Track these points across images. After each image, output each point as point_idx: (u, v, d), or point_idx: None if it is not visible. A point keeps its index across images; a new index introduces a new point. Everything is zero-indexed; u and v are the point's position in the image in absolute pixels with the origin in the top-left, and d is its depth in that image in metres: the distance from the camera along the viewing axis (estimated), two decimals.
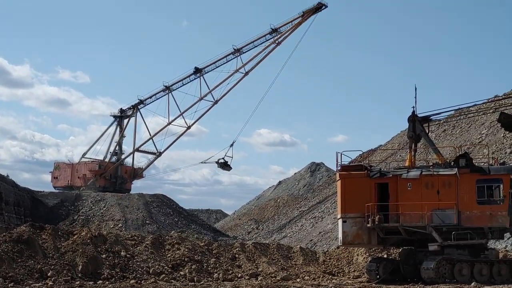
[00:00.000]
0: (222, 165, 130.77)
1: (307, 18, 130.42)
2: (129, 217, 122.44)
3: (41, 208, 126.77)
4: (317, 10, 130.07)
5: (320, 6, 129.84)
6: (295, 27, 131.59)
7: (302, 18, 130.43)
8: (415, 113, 48.79)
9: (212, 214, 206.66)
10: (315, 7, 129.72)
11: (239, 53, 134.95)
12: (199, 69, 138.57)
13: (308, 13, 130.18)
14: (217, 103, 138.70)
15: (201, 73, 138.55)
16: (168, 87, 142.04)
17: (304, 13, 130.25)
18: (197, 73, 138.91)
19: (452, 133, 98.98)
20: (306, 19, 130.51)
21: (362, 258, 52.36)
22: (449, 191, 43.82)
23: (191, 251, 48.58)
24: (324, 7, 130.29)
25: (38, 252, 40.51)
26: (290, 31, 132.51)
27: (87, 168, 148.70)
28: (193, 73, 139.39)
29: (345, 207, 45.85)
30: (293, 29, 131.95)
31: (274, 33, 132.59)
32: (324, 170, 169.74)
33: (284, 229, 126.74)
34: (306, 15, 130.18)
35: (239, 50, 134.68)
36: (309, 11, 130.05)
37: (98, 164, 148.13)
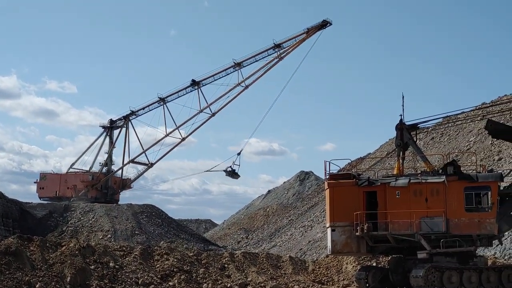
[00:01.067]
0: (230, 173, 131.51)
1: (311, 35, 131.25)
2: (118, 228, 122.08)
3: (29, 220, 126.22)
4: (321, 27, 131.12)
5: (325, 23, 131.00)
6: (298, 43, 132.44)
7: (306, 35, 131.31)
8: (402, 121, 48.82)
9: (201, 223, 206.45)
10: (320, 24, 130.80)
11: (240, 67, 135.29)
12: (196, 81, 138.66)
13: (312, 30, 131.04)
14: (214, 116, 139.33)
15: (198, 86, 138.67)
16: (163, 99, 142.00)
17: (309, 30, 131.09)
18: (194, 86, 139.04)
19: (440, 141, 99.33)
20: (310, 36, 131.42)
21: (352, 267, 52.39)
22: (437, 198, 43.86)
23: (180, 261, 48.48)
24: (328, 25, 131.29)
25: (26, 264, 40.33)
26: (293, 47, 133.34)
27: (78, 178, 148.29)
28: (190, 85, 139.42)
29: (333, 215, 45.83)
30: (297, 45, 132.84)
31: (277, 48, 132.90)
32: (313, 178, 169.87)
33: (274, 238, 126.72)
34: (310, 32, 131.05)
35: (239, 64, 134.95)
36: (314, 28, 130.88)
37: (92, 175, 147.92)
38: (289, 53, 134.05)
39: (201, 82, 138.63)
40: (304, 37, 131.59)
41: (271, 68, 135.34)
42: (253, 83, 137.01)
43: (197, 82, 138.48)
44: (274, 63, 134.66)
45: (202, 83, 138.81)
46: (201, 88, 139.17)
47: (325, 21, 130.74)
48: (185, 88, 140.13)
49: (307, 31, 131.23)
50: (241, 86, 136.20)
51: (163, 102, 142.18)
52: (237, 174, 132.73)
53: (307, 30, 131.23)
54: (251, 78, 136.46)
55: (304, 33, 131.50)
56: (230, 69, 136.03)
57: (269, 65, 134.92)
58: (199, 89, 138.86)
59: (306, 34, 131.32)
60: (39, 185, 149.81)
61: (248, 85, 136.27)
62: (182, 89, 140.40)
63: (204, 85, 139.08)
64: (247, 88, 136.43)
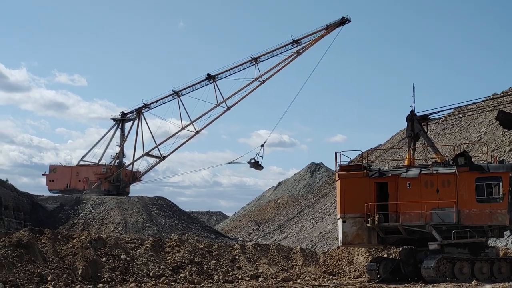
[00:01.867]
0: (254, 164, 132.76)
1: (330, 31, 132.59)
2: (129, 220, 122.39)
3: (40, 212, 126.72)
4: (341, 24, 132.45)
5: (344, 20, 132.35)
6: (317, 39, 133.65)
7: (325, 31, 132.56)
8: (413, 112, 48.74)
9: (212, 216, 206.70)
10: (339, 21, 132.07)
11: (257, 62, 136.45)
12: (212, 75, 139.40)
13: (332, 27, 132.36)
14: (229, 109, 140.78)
15: (214, 80, 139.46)
16: (177, 92, 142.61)
17: (328, 26, 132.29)
18: (210, 80, 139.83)
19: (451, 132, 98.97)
20: (329, 33, 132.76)
21: (363, 258, 52.32)
22: (448, 189, 43.79)
23: (191, 253, 48.50)
24: (348, 22, 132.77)
25: (37, 256, 40.42)
26: (312, 43, 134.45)
27: (91, 171, 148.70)
28: (206, 79, 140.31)
29: (344, 207, 45.81)
30: (315, 41, 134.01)
31: (295, 44, 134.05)
32: (323, 170, 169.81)
33: (285, 230, 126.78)
34: (330, 28, 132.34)
35: (256, 59, 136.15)
36: (333, 25, 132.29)
37: (105, 167, 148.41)
38: (307, 49, 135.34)
39: (216, 76, 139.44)
40: (323, 34, 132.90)
41: (289, 63, 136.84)
42: (270, 77, 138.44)
43: (213, 76, 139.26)
44: (292, 59, 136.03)
45: (218, 77, 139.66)
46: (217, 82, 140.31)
47: (344, 18, 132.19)
48: (200, 82, 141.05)
49: (326, 27, 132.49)
50: (258, 80, 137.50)
51: (177, 95, 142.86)
52: (261, 165, 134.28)
53: (326, 27, 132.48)
54: (268, 73, 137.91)
55: (324, 29, 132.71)
56: (247, 63, 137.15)
57: (287, 61, 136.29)
58: (215, 83, 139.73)
59: (325, 31, 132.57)
60: (49, 177, 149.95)
61: (264, 80, 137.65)
62: (197, 83, 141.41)
63: (219, 79, 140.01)
64: (264, 82, 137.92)
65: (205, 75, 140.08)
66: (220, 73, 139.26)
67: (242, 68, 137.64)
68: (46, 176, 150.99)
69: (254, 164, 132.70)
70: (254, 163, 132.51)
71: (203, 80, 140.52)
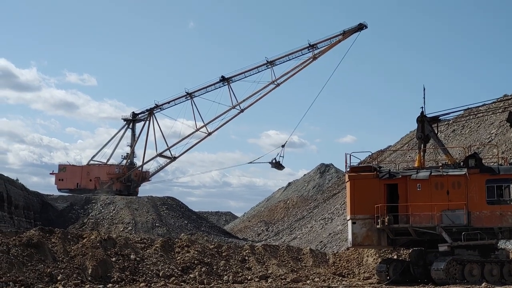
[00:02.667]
0: (275, 164, 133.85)
1: (347, 37, 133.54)
2: (138, 220, 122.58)
3: (50, 212, 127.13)
4: (358, 30, 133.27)
5: (361, 27, 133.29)
6: (334, 44, 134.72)
7: (342, 37, 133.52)
8: (424, 114, 48.69)
9: (221, 216, 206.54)
10: (356, 27, 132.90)
11: (272, 65, 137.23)
12: (226, 78, 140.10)
13: (348, 33, 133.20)
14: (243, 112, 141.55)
15: (228, 82, 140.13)
16: (190, 94, 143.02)
17: (345, 32, 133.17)
18: (224, 82, 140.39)
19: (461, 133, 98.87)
20: (345, 38, 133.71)
21: (372, 259, 52.27)
22: (458, 191, 43.73)
23: (200, 253, 48.54)
24: (364, 28, 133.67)
25: (48, 256, 40.50)
26: (328, 48, 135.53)
27: (104, 171, 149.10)
28: (220, 81, 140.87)
29: (354, 208, 45.80)
30: (332, 46, 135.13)
31: (311, 48, 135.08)
32: (333, 171, 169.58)
33: (294, 231, 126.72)
34: (347, 34, 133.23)
35: (272, 62, 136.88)
36: (350, 31, 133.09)
37: (118, 167, 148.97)
38: (324, 54, 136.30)
39: (231, 79, 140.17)
40: (340, 39, 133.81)
41: (305, 67, 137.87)
42: (285, 81, 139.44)
43: (227, 78, 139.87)
44: (308, 63, 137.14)
45: (232, 80, 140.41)
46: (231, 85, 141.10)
47: (361, 24, 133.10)
48: (214, 84, 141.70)
49: (343, 33, 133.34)
50: (273, 84, 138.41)
51: (190, 97, 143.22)
52: (282, 165, 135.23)
53: (343, 32, 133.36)
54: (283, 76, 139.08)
55: (340, 35, 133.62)
56: (262, 66, 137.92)
57: (303, 65, 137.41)
58: (229, 86, 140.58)
59: (342, 36, 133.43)
60: (58, 176, 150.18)
61: (279, 83, 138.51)
62: (211, 85, 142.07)
63: (233, 82, 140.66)
64: (278, 86, 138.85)
65: (218, 77, 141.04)
66: (234, 75, 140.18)
67: (257, 71, 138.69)
68: (55, 175, 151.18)
69: (276, 164, 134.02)
70: (275, 163, 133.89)
71: (217, 82, 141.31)
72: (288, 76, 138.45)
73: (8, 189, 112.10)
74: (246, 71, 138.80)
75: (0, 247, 38.95)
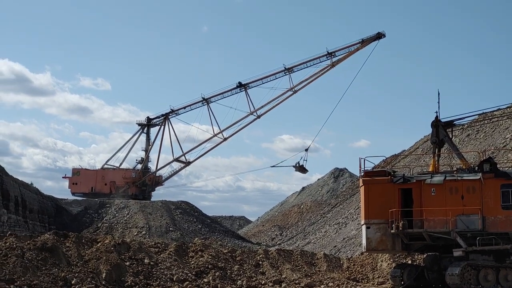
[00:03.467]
0: (300, 168, 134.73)
1: (365, 45, 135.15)
2: (152, 224, 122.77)
3: (64, 216, 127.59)
4: (376, 39, 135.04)
5: (380, 36, 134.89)
6: (352, 52, 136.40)
7: (361, 45, 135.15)
8: (438, 118, 48.54)
9: (235, 220, 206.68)
10: (375, 36, 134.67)
11: (290, 72, 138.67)
12: (243, 84, 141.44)
13: (367, 42, 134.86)
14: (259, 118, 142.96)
15: (245, 88, 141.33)
16: (206, 99, 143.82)
17: (364, 40, 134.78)
18: (241, 88, 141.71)
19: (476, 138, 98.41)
20: (364, 47, 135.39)
21: (386, 264, 52.15)
22: (473, 196, 43.51)
23: (214, 258, 48.56)
24: (383, 37, 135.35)
25: (62, 260, 40.60)
26: (346, 56, 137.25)
27: (120, 175, 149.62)
28: (237, 87, 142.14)
29: (368, 213, 45.67)
30: (350, 54, 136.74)
31: (329, 56, 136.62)
32: (347, 175, 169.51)
33: (308, 235, 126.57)
34: (365, 43, 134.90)
35: (290, 69, 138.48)
36: (369, 40, 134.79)
37: (135, 172, 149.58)
38: (341, 62, 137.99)
39: (248, 85, 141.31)
40: (358, 47, 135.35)
41: (322, 75, 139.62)
42: (302, 88, 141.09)
43: (244, 84, 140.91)
44: (325, 70, 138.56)
45: (249, 86, 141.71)
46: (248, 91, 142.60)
47: (380, 33, 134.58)
48: (230, 90, 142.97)
49: (361, 41, 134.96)
50: (290, 90, 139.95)
51: (206, 102, 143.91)
52: (306, 168, 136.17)
53: (362, 41, 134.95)
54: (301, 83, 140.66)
55: (359, 43, 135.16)
56: (280, 73, 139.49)
57: (321, 72, 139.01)
58: (246, 92, 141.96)
59: (360, 44, 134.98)
60: (72, 180, 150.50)
61: (297, 90, 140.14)
62: (228, 91, 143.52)
63: (250, 88, 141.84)
64: (296, 92, 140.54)
65: (235, 83, 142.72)
66: (251, 81, 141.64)
67: (274, 78, 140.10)
68: (68, 179, 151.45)
69: (300, 167, 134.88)
70: (299, 167, 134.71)
71: (233, 88, 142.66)
72: (306, 83, 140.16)
73: (22, 193, 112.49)
74: (263, 78, 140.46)
75: (15, 251, 39.08)
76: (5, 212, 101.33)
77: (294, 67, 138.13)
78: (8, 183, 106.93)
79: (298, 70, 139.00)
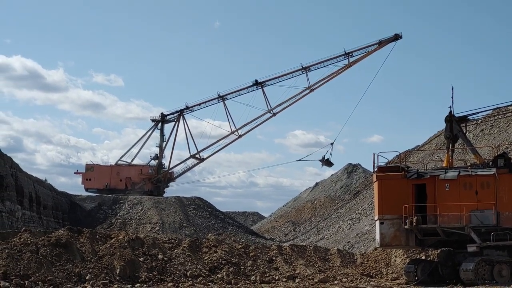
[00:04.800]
0: (326, 162, 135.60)
1: (382, 46, 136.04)
2: (166, 220, 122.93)
3: (78, 212, 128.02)
4: (394, 40, 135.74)
5: (397, 37, 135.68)
6: (369, 53, 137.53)
7: (378, 46, 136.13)
8: (452, 113, 48.41)
9: (249, 216, 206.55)
10: (392, 37, 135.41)
11: (307, 71, 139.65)
12: (259, 82, 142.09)
13: (384, 43, 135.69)
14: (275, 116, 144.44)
15: (262, 86, 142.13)
16: (222, 96, 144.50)
17: (381, 42, 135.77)
18: (257, 86, 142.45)
19: (490, 133, 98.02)
20: (381, 48, 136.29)
21: (400, 260, 52.07)
22: (487, 191, 43.42)
23: (228, 253, 48.61)
24: (400, 38, 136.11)
25: (76, 256, 40.74)
26: (364, 57, 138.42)
27: (136, 171, 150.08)
28: (253, 84, 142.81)
29: (382, 208, 45.62)
30: (367, 55, 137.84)
31: (347, 56, 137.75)
32: (361, 171, 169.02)
33: (321, 231, 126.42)
34: (382, 44, 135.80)
35: (307, 68, 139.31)
36: (386, 41, 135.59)
37: (153, 168, 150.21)
38: (358, 62, 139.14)
39: (264, 83, 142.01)
40: (375, 48, 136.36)
41: (339, 74, 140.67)
42: (319, 87, 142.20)
43: (260, 82, 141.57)
44: (342, 70, 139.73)
45: (266, 84, 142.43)
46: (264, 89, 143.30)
47: (397, 35, 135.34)
48: (246, 88, 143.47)
49: (379, 42, 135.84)
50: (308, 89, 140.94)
51: (222, 99, 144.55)
52: (331, 162, 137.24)
53: (379, 42, 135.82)
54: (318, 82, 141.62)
55: (376, 44, 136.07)
56: (297, 72, 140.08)
57: (338, 71, 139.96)
58: (263, 90, 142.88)
59: (378, 45, 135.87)
60: (85, 176, 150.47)
61: (313, 89, 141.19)
62: (244, 88, 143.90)
63: (266, 86, 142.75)
64: (312, 91, 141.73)
65: (252, 81, 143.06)
66: (268, 80, 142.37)
67: (291, 76, 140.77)
68: (81, 175, 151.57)
69: (326, 161, 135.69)
70: (325, 161, 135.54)
71: (250, 86, 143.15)
72: (322, 82, 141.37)
73: (37, 190, 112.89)
74: (280, 76, 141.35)
75: (29, 247, 39.25)
76: (19, 208, 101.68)
77: (311, 66, 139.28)
78: (22, 180, 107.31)
79: (315, 69, 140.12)
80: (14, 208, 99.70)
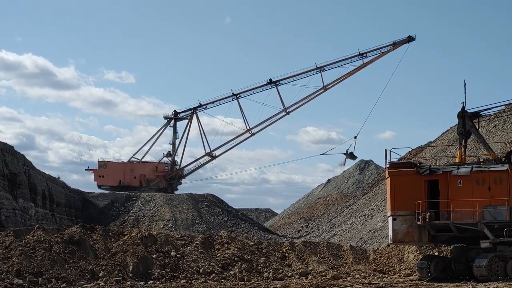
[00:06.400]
0: (349, 155, 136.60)
1: (396, 47, 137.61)
2: (178, 217, 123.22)
3: (91, 209, 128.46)
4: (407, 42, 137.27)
5: (411, 39, 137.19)
6: (383, 54, 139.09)
7: (392, 47, 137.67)
8: (464, 109, 48.25)
9: (261, 213, 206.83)
10: (406, 39, 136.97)
11: (322, 71, 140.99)
12: (273, 81, 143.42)
13: (398, 44, 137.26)
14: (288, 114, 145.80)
15: (276, 85, 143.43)
16: (236, 95, 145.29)
17: (395, 43, 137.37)
18: (272, 84, 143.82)
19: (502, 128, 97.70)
20: (395, 49, 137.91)
21: (413, 256, 51.92)
22: (500, 187, 43.26)
23: (240, 250, 48.62)
24: (413, 40, 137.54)
25: (89, 253, 40.88)
26: (377, 58, 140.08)
27: (151, 168, 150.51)
28: (267, 83, 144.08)
29: (395, 204, 45.53)
30: (381, 56, 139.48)
31: (361, 57, 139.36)
32: (373, 167, 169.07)
33: (334, 227, 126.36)
34: (397, 45, 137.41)
35: (321, 68, 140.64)
36: (400, 42, 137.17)
37: (167, 165, 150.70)
38: (372, 63, 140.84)
39: (278, 82, 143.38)
40: (390, 49, 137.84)
41: (353, 74, 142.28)
42: (333, 86, 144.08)
43: (274, 81, 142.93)
44: (356, 70, 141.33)
45: (280, 83, 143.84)
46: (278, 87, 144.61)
47: (411, 37, 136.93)
48: (261, 86, 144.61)
49: (393, 44, 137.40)
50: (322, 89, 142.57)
51: (236, 97, 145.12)
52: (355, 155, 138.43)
53: (393, 43, 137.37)
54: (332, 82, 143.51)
55: (390, 45, 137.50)
56: (311, 71, 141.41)
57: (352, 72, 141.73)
58: (277, 89, 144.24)
59: (392, 47, 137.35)
60: (98, 173, 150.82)
61: (327, 88, 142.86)
62: (258, 87, 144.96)
63: (280, 85, 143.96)
64: (326, 91, 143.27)
65: (266, 80, 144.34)
66: (282, 78, 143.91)
67: (305, 76, 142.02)
68: (94, 172, 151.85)
69: (350, 154, 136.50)
70: (349, 154, 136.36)
71: (264, 84, 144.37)
72: (337, 82, 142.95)
73: (50, 187, 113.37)
74: (295, 75, 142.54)
75: (43, 244, 39.42)
76: (32, 206, 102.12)
77: (325, 66, 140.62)
78: (35, 177, 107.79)
79: (330, 69, 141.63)
80: (28, 206, 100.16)
